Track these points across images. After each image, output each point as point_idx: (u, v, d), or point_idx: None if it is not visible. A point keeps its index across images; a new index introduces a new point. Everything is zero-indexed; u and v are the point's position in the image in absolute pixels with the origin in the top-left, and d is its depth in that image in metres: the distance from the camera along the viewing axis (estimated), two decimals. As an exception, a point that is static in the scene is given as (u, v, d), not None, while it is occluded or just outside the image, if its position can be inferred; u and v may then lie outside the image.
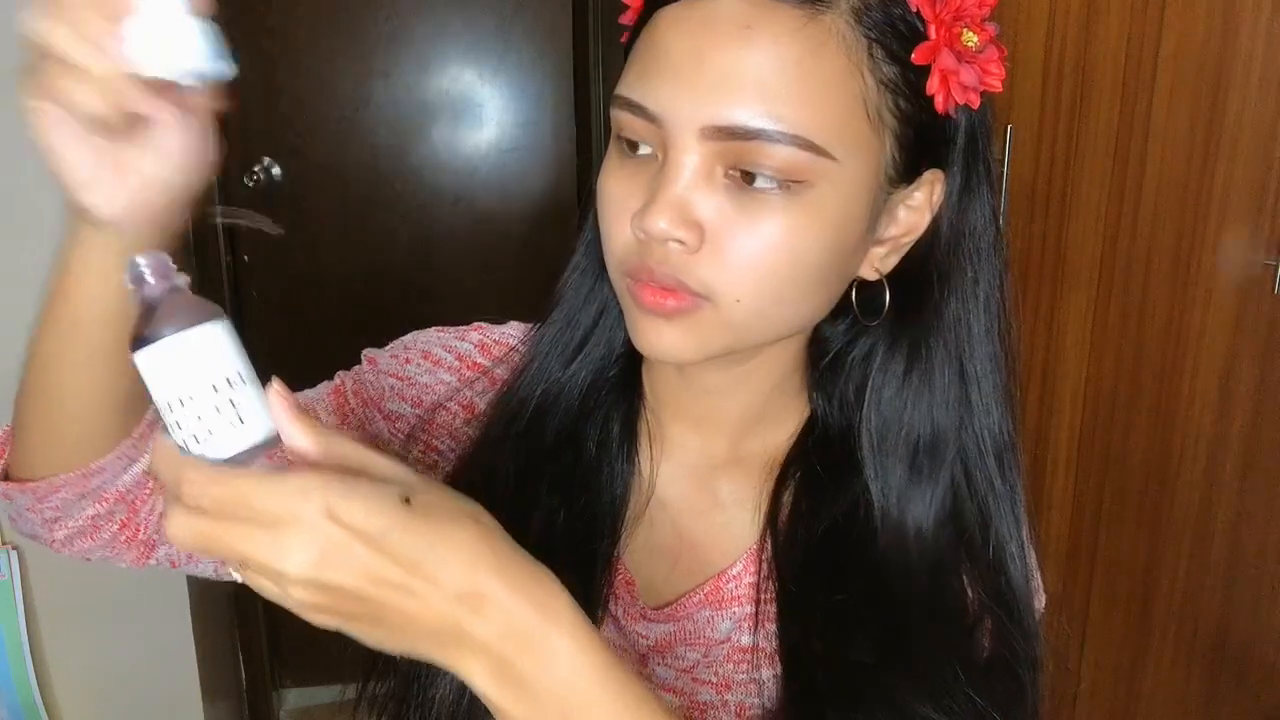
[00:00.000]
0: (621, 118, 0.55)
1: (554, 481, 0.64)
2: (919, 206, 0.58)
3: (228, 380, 0.43)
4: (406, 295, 2.50)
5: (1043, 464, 1.84)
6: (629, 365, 0.67)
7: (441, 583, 0.42)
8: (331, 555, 0.40)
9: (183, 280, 0.44)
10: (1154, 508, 1.72)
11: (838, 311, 0.61)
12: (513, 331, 0.72)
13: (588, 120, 2.41)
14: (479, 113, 2.47)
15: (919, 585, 0.59)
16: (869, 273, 0.59)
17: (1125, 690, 1.81)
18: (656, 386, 0.67)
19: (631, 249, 0.55)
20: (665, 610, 0.65)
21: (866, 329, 0.62)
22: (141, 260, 0.43)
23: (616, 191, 0.56)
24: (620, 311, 0.65)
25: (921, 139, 0.56)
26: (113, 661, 1.57)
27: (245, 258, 2.35)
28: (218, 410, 0.42)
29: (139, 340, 0.43)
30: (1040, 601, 0.67)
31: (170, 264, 0.44)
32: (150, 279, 0.43)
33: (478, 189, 2.50)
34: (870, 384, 0.61)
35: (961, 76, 0.54)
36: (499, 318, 0.74)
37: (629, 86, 0.55)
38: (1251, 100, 1.50)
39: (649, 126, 0.53)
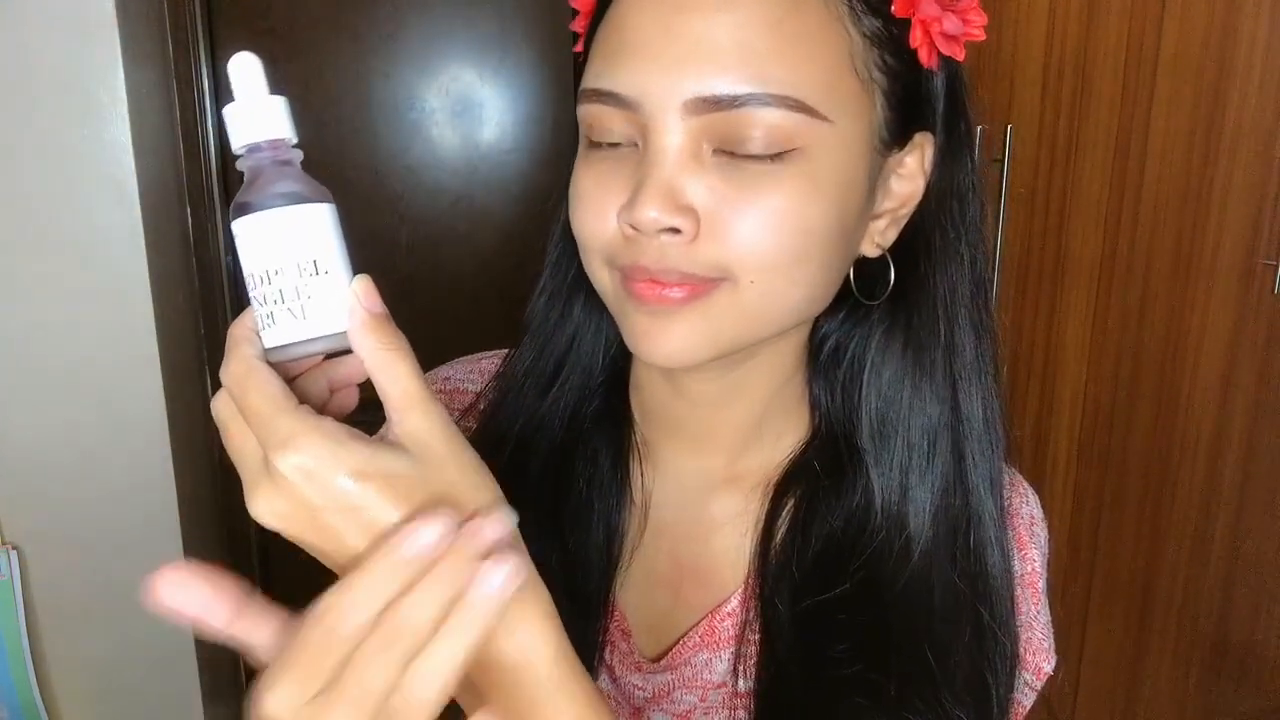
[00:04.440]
0: (590, 113, 0.51)
1: (542, 523, 0.59)
2: (911, 174, 0.55)
3: (300, 268, 0.40)
4: (406, 295, 2.50)
5: (1043, 464, 1.84)
6: (612, 391, 0.63)
7: None
8: (294, 516, 0.38)
9: (295, 156, 0.43)
10: (1154, 508, 1.72)
11: (834, 303, 0.57)
12: (492, 363, 0.68)
13: (588, 120, 2.41)
14: (479, 113, 2.47)
15: (913, 576, 0.57)
16: (870, 249, 0.56)
17: (1125, 690, 1.81)
18: (646, 405, 0.63)
19: (619, 246, 0.51)
20: (662, 661, 0.61)
21: (864, 315, 0.59)
22: (260, 135, 0.42)
23: (594, 186, 0.52)
24: (595, 334, 0.62)
25: (910, 98, 0.53)
26: (113, 661, 1.57)
27: (245, 258, 2.34)
28: (281, 296, 0.41)
29: (239, 208, 0.41)
30: (1049, 663, 0.63)
31: (286, 139, 0.42)
32: (263, 150, 0.42)
33: (478, 189, 2.50)
34: (869, 364, 0.58)
35: (944, 25, 0.51)
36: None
37: (596, 76, 0.51)
38: (1251, 100, 1.50)
39: (622, 115, 0.50)
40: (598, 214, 0.51)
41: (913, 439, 0.58)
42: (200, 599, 0.37)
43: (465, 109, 2.46)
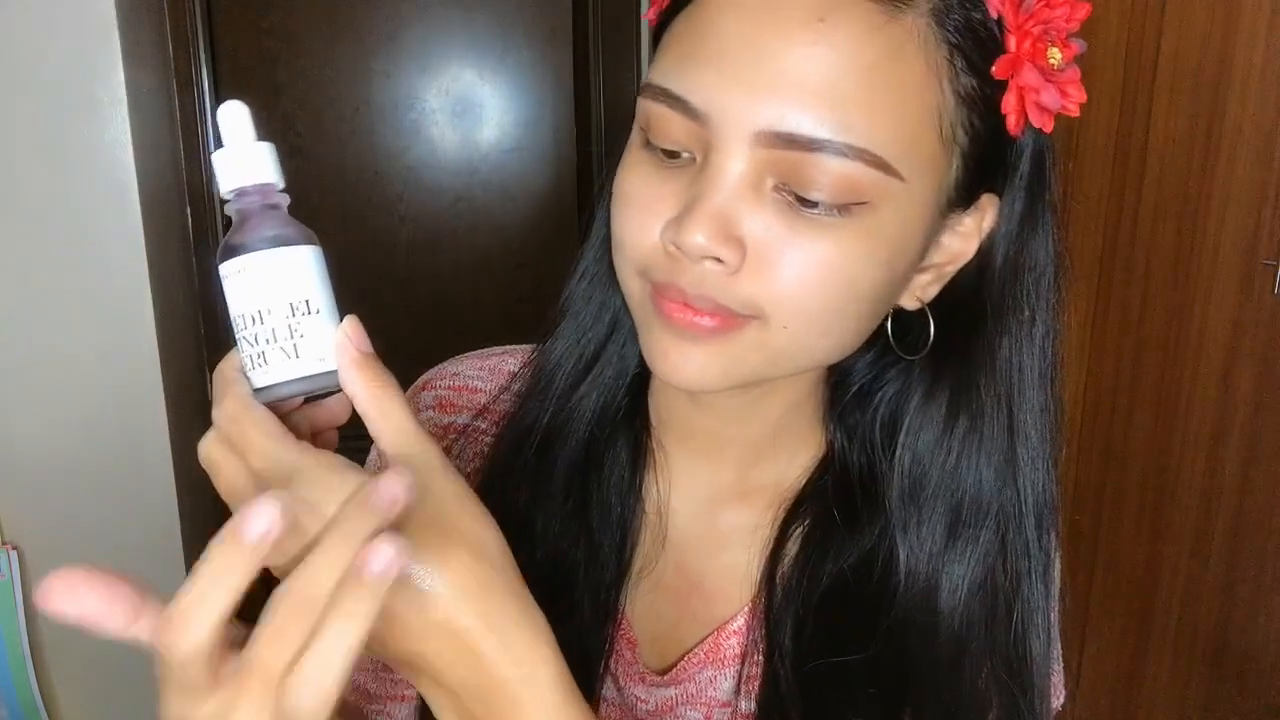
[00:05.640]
0: (652, 111, 0.47)
1: (564, 522, 0.58)
2: (967, 233, 0.52)
3: (293, 308, 0.41)
4: (407, 295, 2.50)
5: (1043, 464, 1.84)
6: (639, 391, 0.61)
7: (416, 607, 0.38)
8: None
9: (282, 200, 0.43)
10: (1154, 508, 1.72)
11: (865, 343, 0.54)
12: (506, 359, 0.67)
13: (588, 120, 2.41)
14: (479, 113, 2.47)
15: (939, 653, 0.55)
16: (910, 302, 0.54)
17: (1125, 691, 1.81)
18: (662, 411, 0.61)
19: (657, 259, 0.48)
20: (666, 675, 0.60)
21: (894, 363, 0.57)
22: (247, 180, 0.42)
23: (643, 191, 0.49)
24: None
25: (988, 162, 0.50)
26: (113, 661, 1.57)
27: (245, 258, 2.34)
28: (274, 335, 0.41)
29: (228, 250, 0.42)
30: (1059, 699, 0.62)
31: (273, 184, 0.43)
32: (251, 194, 0.42)
33: (478, 189, 2.50)
34: (906, 426, 0.56)
35: (1041, 97, 0.48)
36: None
37: (665, 73, 0.47)
38: (1251, 100, 1.50)
39: (687, 124, 0.46)
40: (641, 222, 0.49)
41: (954, 510, 0.55)
42: (94, 603, 0.35)
43: (465, 109, 2.46)
